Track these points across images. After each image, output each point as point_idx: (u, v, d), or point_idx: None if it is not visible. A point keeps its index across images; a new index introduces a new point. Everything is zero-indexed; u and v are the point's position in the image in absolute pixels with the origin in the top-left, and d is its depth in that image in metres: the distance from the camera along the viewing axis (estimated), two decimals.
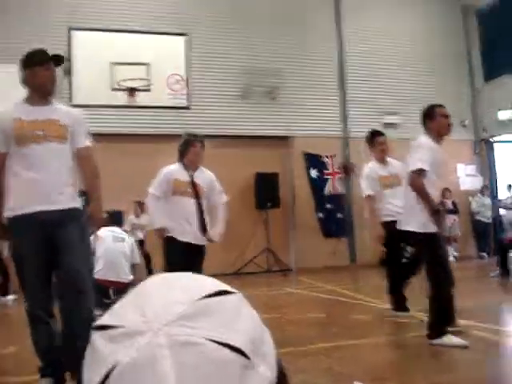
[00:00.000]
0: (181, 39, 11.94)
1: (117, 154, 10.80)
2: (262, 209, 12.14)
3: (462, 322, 5.08)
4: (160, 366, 0.50)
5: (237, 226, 11.42)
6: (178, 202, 4.98)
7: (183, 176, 5.04)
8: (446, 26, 14.58)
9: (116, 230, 7.11)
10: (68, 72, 10.89)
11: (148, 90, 11.48)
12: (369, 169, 6.07)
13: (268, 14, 12.91)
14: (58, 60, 3.55)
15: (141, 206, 10.79)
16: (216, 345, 0.52)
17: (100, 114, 11.09)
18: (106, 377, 0.51)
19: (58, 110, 3.58)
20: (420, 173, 4.33)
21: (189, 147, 5.06)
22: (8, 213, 3.43)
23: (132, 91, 11.38)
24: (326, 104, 13.19)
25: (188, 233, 4.99)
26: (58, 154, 3.47)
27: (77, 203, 3.56)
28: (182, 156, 5.11)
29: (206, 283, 0.57)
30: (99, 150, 4.22)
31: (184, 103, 11.89)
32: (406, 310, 5.76)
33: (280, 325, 5.37)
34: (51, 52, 3.54)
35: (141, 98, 11.50)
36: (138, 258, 7.34)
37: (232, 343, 0.52)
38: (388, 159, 6.16)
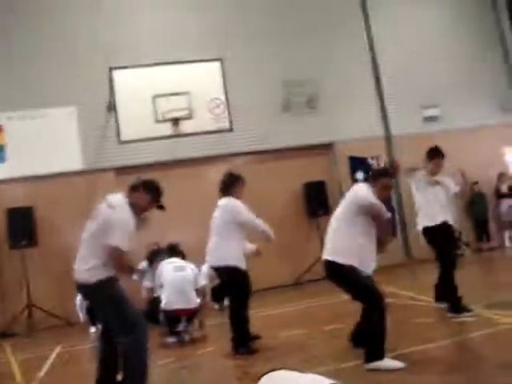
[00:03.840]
0: (216, 64, 12.27)
1: (168, 182, 11.05)
2: (314, 217, 12.27)
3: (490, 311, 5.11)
4: None
5: (290, 236, 11.59)
6: None
7: None
8: (476, 10, 14.39)
9: (175, 260, 7.35)
10: (111, 109, 11.33)
11: (190, 118, 11.84)
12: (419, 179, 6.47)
13: (295, 25, 13.02)
14: (161, 207, 4.64)
15: None
16: None
17: (146, 147, 11.50)
18: None
19: None
20: None
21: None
22: None
23: (176, 121, 11.76)
24: (364, 105, 13.14)
25: None
26: None
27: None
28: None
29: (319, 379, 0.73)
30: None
31: (226, 126, 12.19)
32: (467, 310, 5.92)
33: (345, 336, 5.29)
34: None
35: (185, 126, 11.85)
36: (202, 281, 7.40)
37: None
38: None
